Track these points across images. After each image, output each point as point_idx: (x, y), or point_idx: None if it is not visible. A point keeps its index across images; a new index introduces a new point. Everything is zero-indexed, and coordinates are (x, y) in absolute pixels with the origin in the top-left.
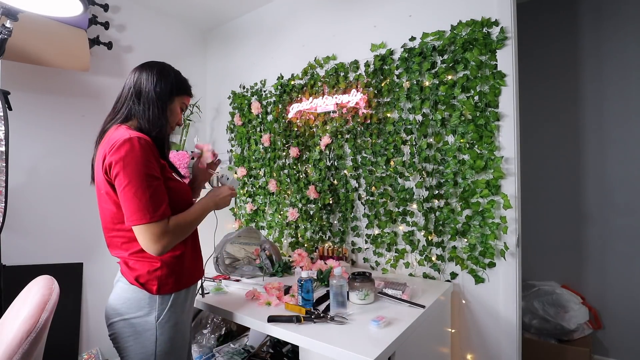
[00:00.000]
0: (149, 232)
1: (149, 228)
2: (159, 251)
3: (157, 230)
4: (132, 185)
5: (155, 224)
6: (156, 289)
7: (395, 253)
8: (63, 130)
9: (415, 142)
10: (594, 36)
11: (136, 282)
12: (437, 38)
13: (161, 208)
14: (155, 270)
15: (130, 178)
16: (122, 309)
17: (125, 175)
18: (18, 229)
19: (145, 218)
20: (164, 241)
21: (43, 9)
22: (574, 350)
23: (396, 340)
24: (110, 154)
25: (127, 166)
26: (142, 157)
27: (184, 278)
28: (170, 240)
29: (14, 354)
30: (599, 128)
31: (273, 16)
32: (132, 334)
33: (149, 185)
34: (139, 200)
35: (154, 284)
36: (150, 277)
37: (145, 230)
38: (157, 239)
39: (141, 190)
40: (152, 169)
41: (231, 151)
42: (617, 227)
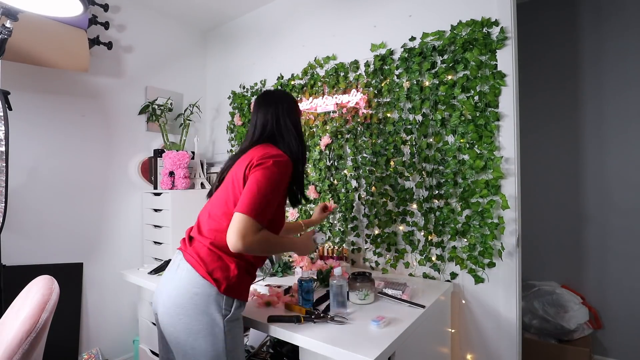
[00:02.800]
0: (245, 224)
1: (248, 221)
2: (238, 245)
3: (252, 227)
4: (262, 185)
5: (254, 222)
6: (224, 288)
7: (395, 253)
8: (63, 130)
9: (415, 142)
10: (594, 36)
11: (209, 276)
12: (437, 38)
13: (266, 216)
14: (227, 271)
15: (264, 179)
16: (190, 304)
17: (262, 175)
18: (18, 229)
19: (252, 212)
20: (248, 239)
21: (43, 9)
22: (574, 350)
23: (396, 340)
24: (262, 156)
25: (269, 171)
26: (283, 174)
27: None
28: (253, 242)
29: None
30: (599, 128)
31: (273, 16)
32: (200, 332)
33: (270, 193)
34: (258, 198)
35: (223, 283)
36: (222, 275)
37: (244, 220)
38: (245, 234)
39: (264, 193)
40: (281, 187)
41: (231, 151)
42: (617, 227)
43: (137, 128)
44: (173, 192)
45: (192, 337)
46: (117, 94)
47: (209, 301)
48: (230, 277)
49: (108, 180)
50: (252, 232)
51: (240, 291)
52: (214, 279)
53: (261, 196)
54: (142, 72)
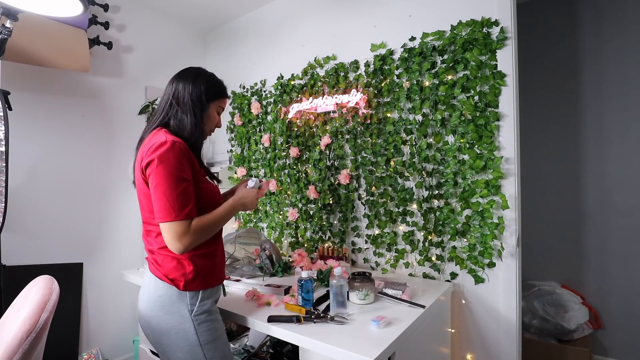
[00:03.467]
0: (172, 230)
1: (172, 226)
2: (180, 249)
3: (179, 229)
4: (162, 184)
5: (178, 223)
6: (183, 285)
7: (395, 253)
8: (63, 131)
9: (415, 142)
10: (594, 36)
11: (166, 278)
12: (437, 38)
13: (186, 208)
14: (182, 268)
15: (161, 178)
16: (156, 307)
17: (157, 175)
18: (18, 229)
19: (170, 216)
20: (185, 240)
21: (43, 9)
22: (574, 350)
23: (396, 340)
24: (147, 155)
25: (160, 166)
26: (175, 159)
27: (210, 279)
28: (191, 240)
29: (14, 354)
30: (599, 128)
31: (273, 16)
32: (172, 329)
33: (177, 186)
34: (167, 199)
35: (180, 281)
36: (178, 274)
37: (169, 228)
38: (178, 237)
39: (169, 190)
40: (184, 171)
41: (231, 151)
42: (617, 227)
43: (137, 128)
44: None
45: (165, 335)
46: (117, 94)
47: (172, 300)
48: (186, 273)
49: (108, 180)
50: (184, 232)
51: (202, 281)
52: (170, 280)
53: (168, 196)
54: (142, 72)
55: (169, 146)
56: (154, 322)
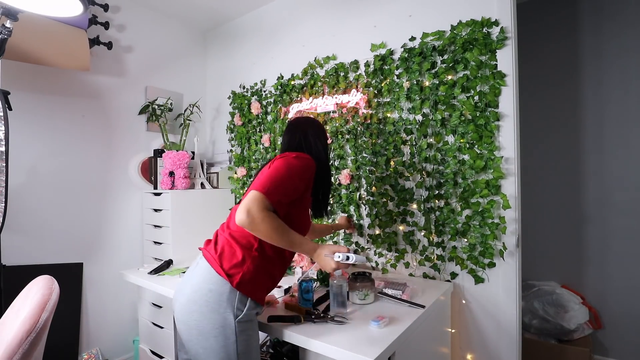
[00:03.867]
0: (252, 198)
1: (256, 195)
2: (242, 216)
3: (260, 202)
4: (278, 170)
5: (261, 197)
6: (237, 282)
7: (395, 253)
8: (63, 130)
9: (415, 142)
10: (594, 36)
11: (223, 271)
12: (437, 38)
13: (278, 196)
14: (243, 264)
15: (283, 167)
16: (202, 301)
17: (281, 162)
18: (18, 229)
19: (264, 189)
20: (253, 213)
21: (43, 9)
22: (574, 350)
23: (396, 340)
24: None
25: (288, 160)
26: (304, 167)
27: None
28: (256, 217)
29: (14, 354)
30: (599, 128)
31: (273, 16)
32: (212, 331)
33: (288, 178)
34: (272, 179)
35: (237, 276)
36: (236, 270)
37: (253, 195)
38: (251, 207)
39: (281, 174)
40: (301, 180)
41: (231, 151)
42: (617, 227)
43: (137, 128)
44: (173, 192)
45: (203, 336)
46: (117, 94)
47: (222, 299)
48: (244, 271)
49: (108, 180)
50: (259, 207)
51: (254, 289)
52: (227, 274)
53: (277, 178)
54: (142, 72)
55: (307, 157)
56: (194, 317)
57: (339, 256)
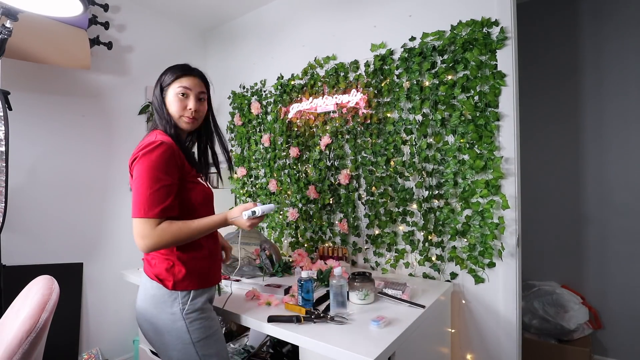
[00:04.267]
0: (137, 227)
1: (138, 223)
2: (142, 248)
3: (143, 228)
4: (139, 181)
5: (144, 221)
6: (172, 285)
7: (395, 253)
8: (63, 130)
9: (415, 142)
10: (594, 36)
11: (156, 278)
12: (437, 38)
13: (157, 208)
14: (172, 269)
15: (140, 174)
16: (150, 306)
17: (137, 171)
18: (18, 229)
19: (139, 212)
20: (148, 240)
21: (43, 9)
22: (574, 350)
23: (396, 340)
24: (135, 153)
25: (142, 164)
26: (159, 158)
27: (202, 280)
28: (154, 242)
29: (14, 354)
30: (599, 128)
31: (273, 16)
32: (164, 328)
33: (154, 184)
34: (140, 196)
35: (169, 281)
36: (167, 274)
37: (135, 224)
38: (141, 235)
39: (144, 187)
40: (166, 171)
41: (231, 151)
42: (617, 227)
43: (137, 128)
44: None
45: (159, 334)
46: (117, 94)
47: (164, 299)
48: (175, 273)
49: (108, 180)
50: (148, 231)
51: (192, 282)
52: (160, 280)
53: (143, 191)
54: (142, 72)
55: (155, 145)
56: (148, 321)
57: (246, 214)
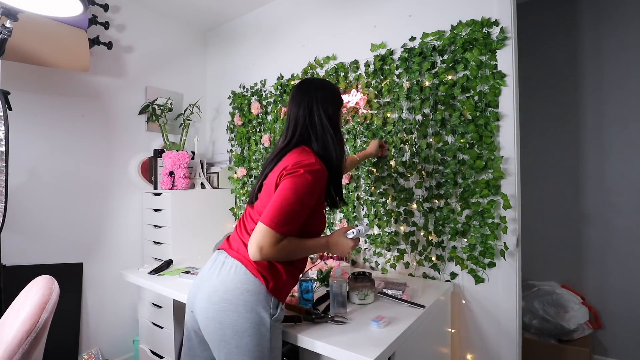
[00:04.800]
0: (264, 235)
1: (266, 232)
2: (254, 254)
3: (270, 239)
4: (288, 195)
5: (272, 233)
6: (272, 287)
7: (395, 253)
8: (63, 130)
9: (415, 142)
10: (594, 36)
11: (259, 274)
12: (437, 38)
13: (287, 227)
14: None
15: (289, 190)
16: (240, 302)
17: (290, 183)
18: (18, 229)
19: (273, 223)
20: (265, 252)
21: (43, 9)
22: (574, 350)
23: (396, 340)
24: (295, 164)
25: (298, 180)
26: (313, 186)
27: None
28: (270, 254)
29: (14, 354)
30: (599, 128)
31: (273, 16)
32: (247, 330)
33: (296, 207)
34: (281, 210)
35: (271, 282)
36: (270, 274)
37: (263, 232)
38: (263, 245)
39: (289, 203)
40: (311, 197)
41: (231, 151)
42: (617, 227)
43: (137, 128)
44: (173, 192)
45: (238, 335)
46: (117, 93)
47: (259, 299)
48: (278, 277)
49: (108, 180)
50: (270, 244)
51: (284, 293)
52: (263, 276)
53: (285, 207)
54: (142, 72)
55: (315, 169)
56: (230, 317)
57: (352, 232)
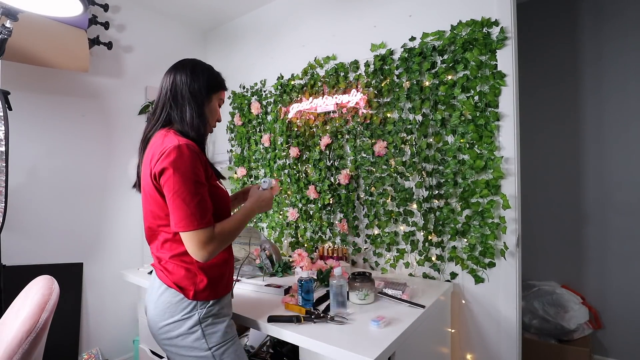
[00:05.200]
0: (196, 238)
1: (197, 235)
2: (205, 257)
3: (204, 237)
4: (181, 192)
5: (202, 231)
6: (192, 294)
7: (395, 253)
8: (63, 130)
9: (415, 142)
10: (594, 36)
11: (175, 286)
12: (437, 38)
13: (208, 215)
14: (193, 277)
15: (179, 185)
16: (166, 314)
17: (174, 182)
18: (18, 229)
19: (192, 225)
20: (210, 247)
21: (43, 9)
22: (574, 350)
23: (396, 340)
24: (160, 160)
25: (176, 173)
26: (191, 164)
27: (220, 288)
28: (216, 247)
29: (14, 354)
30: (599, 128)
31: (273, 16)
32: (180, 336)
33: (197, 192)
34: (187, 207)
35: (190, 290)
36: (188, 283)
37: (193, 236)
38: (203, 245)
39: (189, 197)
40: (199, 176)
41: (231, 151)
42: (617, 227)
43: (137, 128)
44: None
45: (174, 343)
46: (117, 94)
47: (182, 307)
48: (196, 282)
49: (108, 180)
50: (209, 239)
51: (212, 292)
52: (180, 288)
53: (188, 204)
54: (142, 72)
55: (182, 151)
56: (163, 330)
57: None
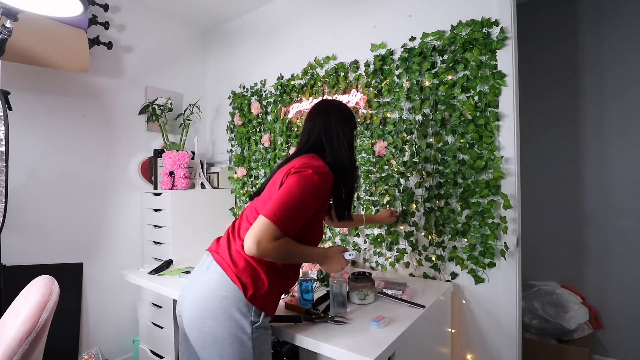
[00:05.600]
0: (263, 227)
1: (268, 225)
2: (252, 249)
3: (270, 233)
4: (293, 191)
5: (272, 227)
6: (250, 294)
7: (395, 253)
8: (63, 130)
9: (415, 142)
10: (594, 36)
11: (238, 280)
12: (437, 38)
13: (290, 224)
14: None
15: (296, 187)
16: (217, 308)
17: (296, 181)
18: (18, 229)
19: (275, 217)
20: (263, 246)
21: (43, 9)
22: (574, 350)
23: (396, 340)
24: (303, 165)
25: (302, 179)
26: (319, 183)
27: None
28: (267, 249)
29: (14, 354)
30: (599, 128)
31: (273, 16)
32: (227, 338)
33: (304, 202)
34: (284, 205)
35: (250, 290)
36: (251, 281)
37: (264, 224)
38: (261, 239)
39: (293, 201)
40: (317, 197)
41: (231, 151)
42: (617, 227)
43: (137, 128)
44: (173, 192)
45: (218, 343)
46: (117, 94)
47: (238, 306)
48: (258, 285)
49: (108, 180)
50: (269, 239)
51: (266, 303)
52: (242, 283)
53: (289, 203)
54: (142, 72)
55: (321, 172)
56: (209, 324)
57: (351, 255)
